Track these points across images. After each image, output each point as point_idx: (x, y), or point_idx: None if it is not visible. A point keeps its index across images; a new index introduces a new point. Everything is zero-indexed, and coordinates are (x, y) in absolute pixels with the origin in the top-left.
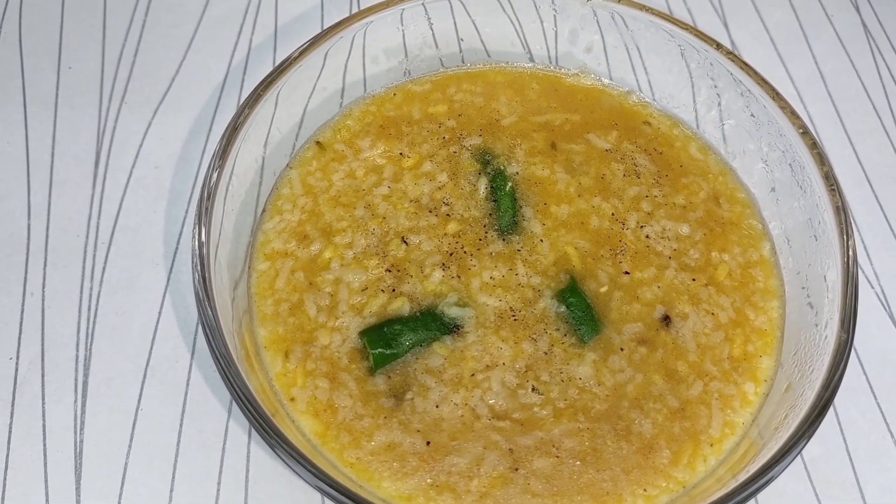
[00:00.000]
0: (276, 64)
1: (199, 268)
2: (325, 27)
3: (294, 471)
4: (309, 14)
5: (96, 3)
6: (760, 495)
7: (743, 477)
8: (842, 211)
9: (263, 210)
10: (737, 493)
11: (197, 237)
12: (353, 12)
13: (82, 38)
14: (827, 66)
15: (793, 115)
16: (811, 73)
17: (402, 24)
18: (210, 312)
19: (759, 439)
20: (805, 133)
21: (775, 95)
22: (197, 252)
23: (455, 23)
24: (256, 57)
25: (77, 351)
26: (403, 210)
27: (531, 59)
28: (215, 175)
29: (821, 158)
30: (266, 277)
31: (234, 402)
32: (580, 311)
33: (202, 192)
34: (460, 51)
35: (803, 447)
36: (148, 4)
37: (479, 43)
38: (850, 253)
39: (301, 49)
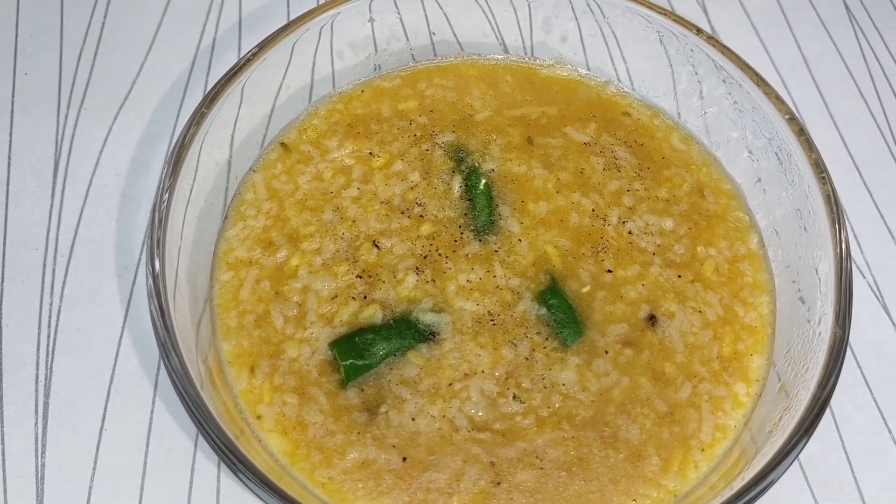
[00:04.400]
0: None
1: (155, 299)
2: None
3: (262, 499)
4: (274, 12)
5: (53, 5)
6: None
7: (738, 484)
8: (833, 200)
9: (226, 217)
10: (731, 502)
11: (150, 269)
12: (318, 4)
13: (38, 42)
14: (810, 50)
15: (778, 100)
16: (794, 57)
17: (371, 16)
18: (174, 355)
19: (753, 443)
20: (792, 119)
21: (759, 81)
22: (152, 284)
23: (426, 14)
24: (220, 55)
25: (37, 370)
26: (374, 212)
27: (505, 51)
28: (167, 196)
29: (809, 145)
30: (229, 288)
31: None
32: (562, 314)
33: (152, 217)
34: (432, 43)
35: (800, 451)
36: (107, 5)
37: (450, 34)
38: (843, 245)
39: (261, 44)
